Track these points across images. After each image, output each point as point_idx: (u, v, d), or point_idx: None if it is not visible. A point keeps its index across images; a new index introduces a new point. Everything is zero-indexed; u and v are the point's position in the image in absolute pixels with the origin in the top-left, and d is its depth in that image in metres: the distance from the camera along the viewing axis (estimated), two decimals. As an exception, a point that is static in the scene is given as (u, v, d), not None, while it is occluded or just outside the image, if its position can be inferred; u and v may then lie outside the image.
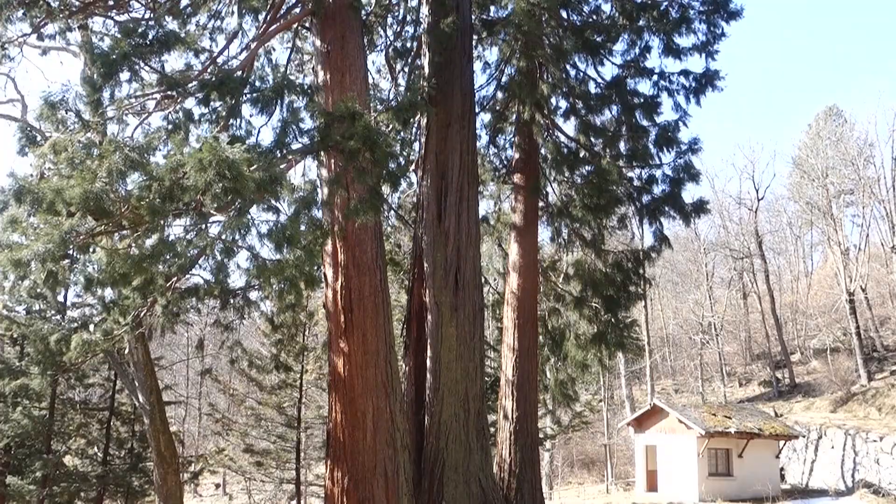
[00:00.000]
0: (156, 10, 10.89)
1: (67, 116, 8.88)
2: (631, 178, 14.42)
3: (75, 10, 9.70)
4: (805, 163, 42.16)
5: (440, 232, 12.27)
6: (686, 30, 13.80)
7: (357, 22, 11.29)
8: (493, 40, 15.63)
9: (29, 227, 7.36)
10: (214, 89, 8.87)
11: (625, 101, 13.88)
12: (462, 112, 12.75)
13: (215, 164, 6.66)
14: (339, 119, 8.52)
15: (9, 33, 9.83)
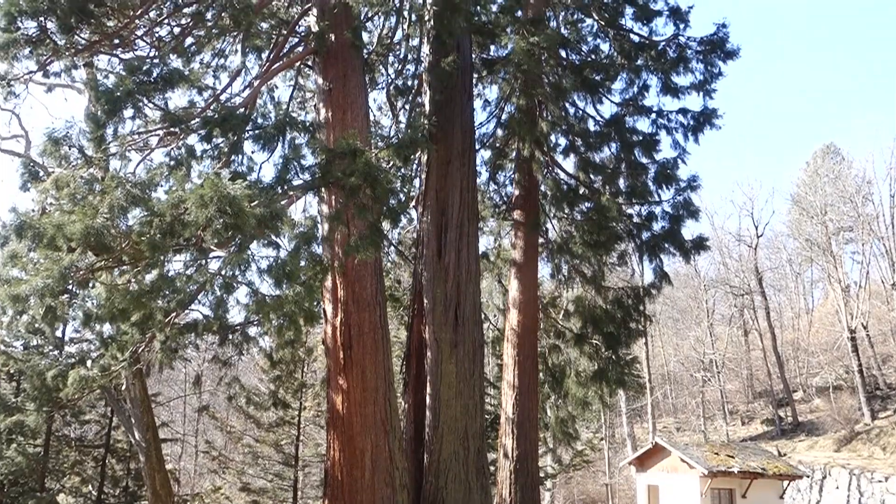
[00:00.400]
0: (161, 48, 11.05)
1: (70, 152, 8.96)
2: (630, 214, 14.46)
3: (81, 48, 9.82)
4: (804, 200, 42.38)
5: (440, 268, 12.26)
6: (684, 69, 13.96)
7: (359, 60, 11.46)
8: (493, 79, 15.81)
9: (29, 262, 7.37)
10: (217, 126, 8.95)
11: (624, 138, 13.99)
12: (462, 149, 12.84)
13: (216, 200, 6.69)
14: (341, 156, 8.59)
15: (15, 71, 9.94)
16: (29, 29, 9.19)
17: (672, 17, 14.06)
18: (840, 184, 40.27)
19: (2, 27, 8.89)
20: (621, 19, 14.44)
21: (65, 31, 9.07)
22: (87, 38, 9.90)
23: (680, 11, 13.97)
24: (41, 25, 9.09)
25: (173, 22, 11.76)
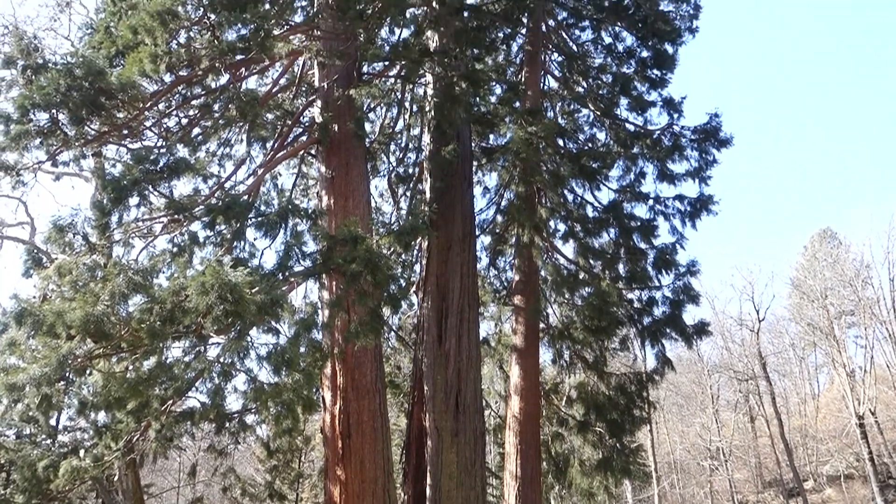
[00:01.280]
0: (168, 138, 11.33)
1: (75, 240, 9.05)
2: (631, 299, 14.44)
3: (91, 138, 10.07)
4: (803, 284, 42.45)
5: (441, 354, 12.17)
6: (679, 157, 14.26)
7: (361, 149, 11.73)
8: (493, 166, 16.14)
9: (27, 349, 7.33)
10: (220, 214, 9.08)
11: (622, 224, 14.15)
12: (462, 235, 12.98)
13: (218, 288, 6.71)
14: (342, 242, 8.68)
15: (24, 160, 10.16)
16: (41, 120, 9.45)
17: (666, 108, 14.48)
18: (839, 268, 40.43)
19: (15, 119, 9.15)
20: (616, 109, 14.86)
21: (76, 123, 9.31)
22: (96, 128, 10.16)
23: (673, 102, 14.40)
24: (53, 117, 9.34)
25: (181, 113, 12.10)
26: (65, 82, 8.69)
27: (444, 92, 12.30)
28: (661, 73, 14.46)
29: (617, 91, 14.75)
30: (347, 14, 9.85)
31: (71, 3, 19.90)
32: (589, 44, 15.76)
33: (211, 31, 9.55)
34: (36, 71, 9.15)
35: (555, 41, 15.79)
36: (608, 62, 15.25)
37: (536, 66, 15.11)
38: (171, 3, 8.80)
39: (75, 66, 8.96)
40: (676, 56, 14.30)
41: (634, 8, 14.18)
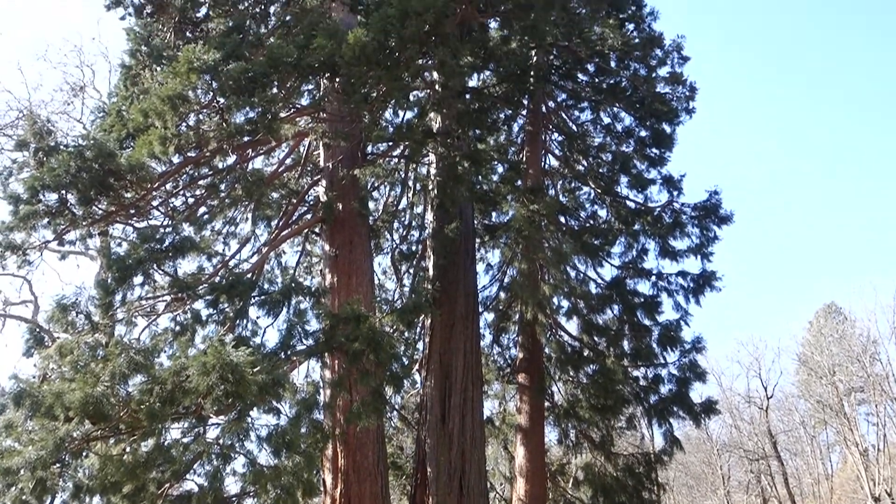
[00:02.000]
0: (174, 217, 11.46)
1: (77, 319, 9.04)
2: (637, 377, 14.27)
3: (98, 218, 10.19)
4: (810, 360, 41.93)
5: (444, 434, 11.94)
6: (680, 234, 14.36)
7: (365, 228, 11.85)
8: (496, 243, 16.26)
9: (24, 432, 7.21)
10: (224, 293, 9.10)
11: (625, 300, 14.13)
12: (466, 312, 12.94)
13: (219, 368, 6.66)
14: (345, 321, 8.65)
15: (31, 239, 10.25)
16: (50, 201, 9.59)
17: (665, 185, 14.66)
18: (846, 343, 40.02)
19: (24, 199, 9.29)
20: (617, 187, 15.06)
21: (84, 203, 9.44)
22: (104, 208, 10.30)
23: (673, 180, 14.59)
24: (62, 198, 9.48)
25: (188, 193, 12.29)
26: (75, 164, 8.86)
27: (447, 171, 12.51)
28: (660, 151, 14.72)
29: (617, 169, 14.99)
30: (353, 97, 10.11)
31: (85, 88, 20.51)
32: (588, 124, 16.13)
33: (220, 114, 9.78)
34: (47, 153, 9.35)
35: (555, 121, 16.16)
36: (607, 141, 15.56)
37: (537, 145, 15.43)
38: (182, 87, 9.06)
39: (86, 148, 9.16)
40: (674, 135, 14.60)
41: (632, 90, 14.56)
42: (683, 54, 14.58)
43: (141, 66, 10.92)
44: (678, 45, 14.56)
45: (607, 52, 14.10)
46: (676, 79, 14.31)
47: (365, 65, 9.62)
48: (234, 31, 10.95)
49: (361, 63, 9.54)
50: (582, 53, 14.12)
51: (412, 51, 9.83)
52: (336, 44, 9.58)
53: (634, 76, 14.48)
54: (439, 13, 9.20)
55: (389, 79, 10.06)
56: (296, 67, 9.98)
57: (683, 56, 14.58)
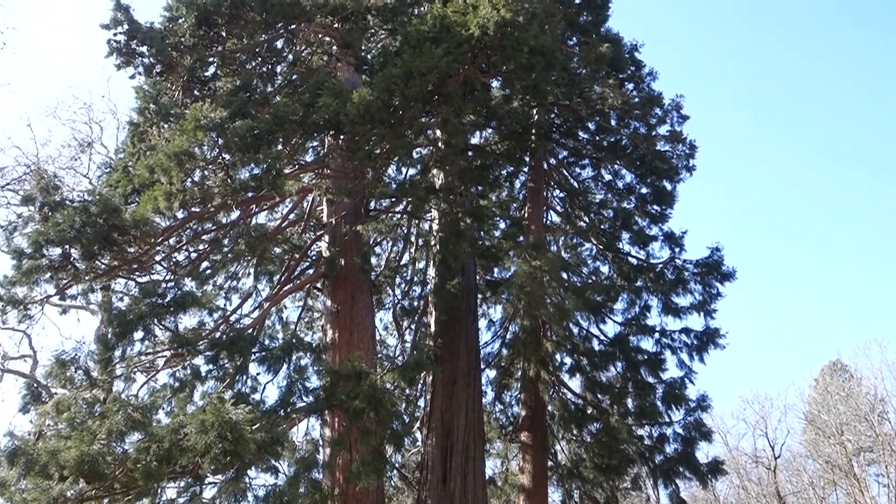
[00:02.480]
0: (177, 272, 11.47)
1: (76, 374, 8.96)
2: (641, 436, 14.02)
3: (101, 272, 10.20)
4: (817, 419, 41.29)
5: (445, 495, 11.68)
6: (682, 290, 14.32)
7: (367, 283, 11.83)
8: (498, 299, 16.21)
9: (17, 491, 7.06)
10: (224, 349, 9.04)
11: (629, 357, 14.00)
12: (468, 369, 12.82)
13: (217, 426, 6.56)
14: (346, 378, 8.56)
15: (33, 294, 10.24)
16: (53, 256, 9.61)
17: (667, 242, 14.69)
18: (853, 402, 39.46)
19: (28, 254, 9.32)
20: (619, 243, 15.09)
21: (87, 258, 9.46)
22: (107, 263, 10.32)
23: (674, 236, 14.63)
24: (65, 252, 9.51)
25: (191, 247, 12.33)
26: (80, 218, 8.92)
27: (450, 227, 12.57)
28: (661, 208, 14.80)
29: (618, 226, 15.05)
30: (357, 154, 10.23)
31: (92, 144, 20.80)
32: (589, 180, 16.28)
33: (225, 171, 9.89)
34: (53, 208, 9.42)
35: (556, 178, 16.32)
36: (609, 198, 15.67)
37: (539, 201, 15.54)
38: (189, 144, 9.18)
39: (91, 203, 9.23)
40: (675, 192, 14.70)
41: (632, 147, 14.73)
42: (683, 113, 14.80)
43: (149, 124, 11.09)
44: (677, 105, 14.79)
45: (608, 111, 14.33)
46: (676, 137, 14.50)
47: (369, 122, 9.77)
48: (242, 90, 11.16)
49: (366, 121, 9.69)
50: (583, 112, 14.35)
51: (416, 109, 9.99)
52: (341, 102, 9.75)
53: (635, 134, 14.67)
54: (443, 73, 9.38)
55: (393, 136, 10.20)
56: (301, 125, 10.13)
57: (683, 115, 14.80)
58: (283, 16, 11.45)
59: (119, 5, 11.17)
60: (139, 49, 11.46)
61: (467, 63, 10.05)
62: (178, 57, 11.49)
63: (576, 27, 15.48)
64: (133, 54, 11.45)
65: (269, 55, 12.96)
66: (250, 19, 11.50)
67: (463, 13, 9.63)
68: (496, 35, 9.34)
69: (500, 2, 9.33)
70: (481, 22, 9.25)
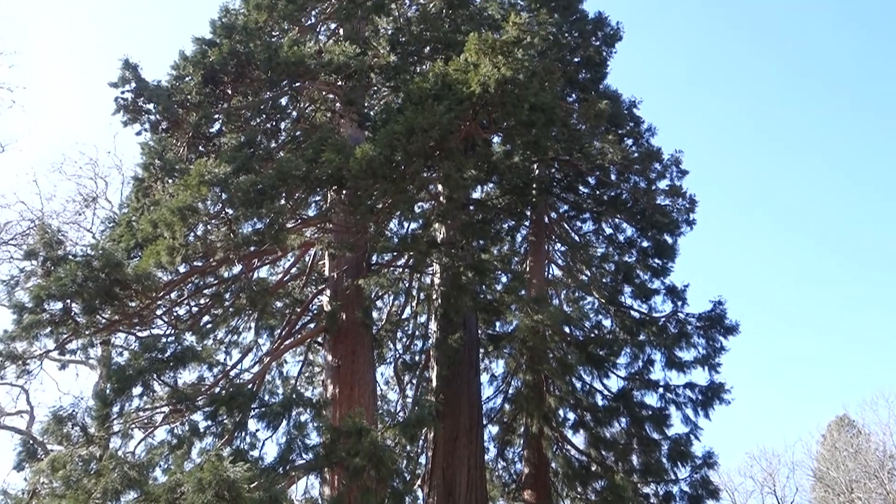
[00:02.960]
0: (177, 326, 11.43)
1: (73, 431, 8.84)
2: (647, 494, 13.73)
3: (102, 327, 10.17)
4: (826, 476, 40.47)
5: (447, 555, 11.40)
6: (686, 344, 14.20)
7: (368, 338, 11.77)
8: (500, 353, 16.08)
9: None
10: (223, 404, 8.95)
11: (633, 413, 13.81)
12: (470, 425, 12.66)
13: (215, 485, 6.44)
14: (346, 435, 8.45)
15: (32, 349, 10.18)
16: (54, 310, 9.60)
17: (669, 295, 14.65)
18: (861, 458, 38.74)
19: (29, 308, 9.30)
20: (621, 297, 15.04)
21: (88, 312, 9.44)
22: (108, 317, 10.30)
23: (676, 290, 14.59)
24: (66, 307, 9.50)
25: (193, 302, 12.32)
26: (82, 273, 8.93)
27: (451, 281, 12.56)
28: (663, 262, 14.81)
29: (620, 279, 15.04)
30: (359, 209, 10.31)
31: (97, 199, 20.99)
32: (591, 234, 16.33)
33: (227, 225, 9.95)
34: (55, 262, 9.44)
35: (557, 232, 16.38)
36: (610, 251, 15.70)
37: (540, 255, 15.57)
38: (193, 199, 9.26)
39: (94, 257, 9.27)
40: (676, 246, 14.73)
41: (632, 202, 14.83)
42: (682, 168, 14.96)
43: (153, 179, 11.21)
44: (676, 160, 14.96)
45: (607, 166, 14.48)
46: (676, 191, 14.61)
47: (371, 177, 9.87)
48: (246, 146, 11.31)
49: (368, 176, 9.79)
50: (583, 167, 14.50)
51: (417, 164, 10.10)
52: (344, 158, 9.87)
53: (635, 188, 14.79)
54: (444, 129, 9.51)
55: (395, 191, 10.29)
56: (304, 180, 10.24)
57: (682, 170, 14.95)
58: (288, 74, 11.67)
59: (127, 64, 11.41)
60: (146, 106, 11.67)
61: (469, 119, 10.21)
62: (183, 114, 11.69)
63: (575, 84, 15.77)
64: (140, 111, 11.65)
65: (273, 112, 13.18)
66: (256, 77, 11.73)
67: (464, 71, 9.82)
68: (497, 92, 9.51)
69: (500, 60, 9.53)
70: (482, 80, 9.43)
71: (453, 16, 14.36)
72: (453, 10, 14.39)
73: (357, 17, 13.48)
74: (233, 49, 11.36)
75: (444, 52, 13.01)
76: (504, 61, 9.46)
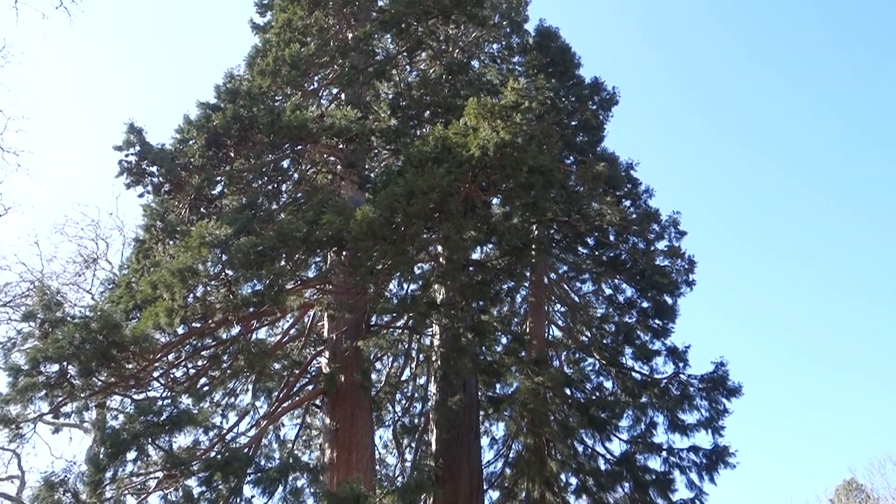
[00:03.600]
0: (174, 388, 11.29)
1: (64, 497, 8.64)
2: (653, 562, 13.36)
3: (97, 389, 10.05)
4: (837, 542, 39.38)
5: None
6: (689, 407, 14.04)
7: (367, 400, 11.63)
8: (500, 416, 15.87)
9: None
10: (219, 469, 8.78)
11: (636, 478, 13.53)
12: (470, 490, 12.41)
13: (209, 554, 6.26)
14: (344, 501, 8.25)
15: (27, 412, 10.03)
16: (50, 372, 9.50)
17: (671, 357, 14.56)
18: (871, 524, 37.76)
19: (24, 371, 9.21)
20: (622, 358, 14.95)
21: (84, 375, 9.35)
22: (104, 379, 10.19)
23: (678, 351, 14.51)
24: (62, 369, 9.41)
25: (190, 364, 12.20)
26: (80, 335, 8.88)
27: (451, 342, 12.49)
28: (663, 323, 14.77)
29: (621, 340, 14.97)
30: (359, 270, 10.31)
31: (98, 260, 21.02)
32: (590, 295, 16.34)
33: (227, 286, 9.94)
34: (53, 324, 9.39)
35: (557, 293, 16.38)
36: (610, 312, 15.68)
37: (540, 316, 15.53)
38: (193, 261, 9.27)
39: (92, 319, 9.22)
40: (676, 307, 14.72)
41: (631, 262, 14.88)
42: (680, 229, 15.06)
43: (154, 240, 11.25)
44: (674, 221, 15.07)
45: (606, 227, 14.58)
46: (675, 252, 14.68)
47: (372, 239, 9.91)
48: (247, 208, 11.40)
49: (368, 237, 9.83)
50: (581, 228, 14.60)
51: (417, 226, 10.16)
52: (344, 219, 9.93)
53: (633, 249, 14.86)
54: (444, 192, 9.61)
55: (395, 252, 10.32)
56: (304, 241, 10.28)
57: (680, 231, 15.05)
58: (290, 137, 11.85)
59: (132, 128, 11.59)
60: (149, 169, 11.80)
61: (468, 182, 10.32)
62: (186, 176, 11.82)
63: (573, 147, 16.03)
64: (143, 174, 11.78)
65: (275, 174, 13.34)
66: (258, 140, 11.91)
67: (464, 135, 9.99)
68: (496, 155, 9.64)
69: (499, 124, 9.70)
70: (481, 143, 9.57)
71: (453, 81, 14.69)
72: (453, 76, 14.73)
73: (359, 83, 13.77)
74: (236, 113, 11.57)
75: (443, 116, 13.28)
76: (503, 125, 9.63)
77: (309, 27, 13.92)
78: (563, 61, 16.74)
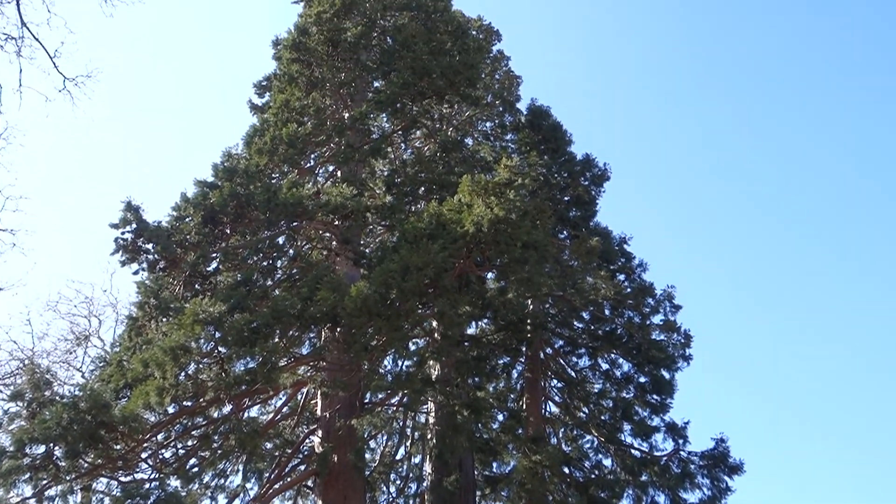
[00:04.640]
0: (162, 470, 11.00)
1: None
2: None
3: (84, 472, 9.78)
4: None
5: None
6: (690, 485, 13.70)
7: (360, 481, 11.36)
8: (497, 496, 15.45)
9: None
10: (207, 556, 8.44)
11: (640, 561, 13.10)
12: (467, 577, 11.95)
13: None
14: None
15: (9, 496, 9.72)
16: (35, 454, 9.26)
17: (670, 433, 14.30)
18: None
19: (9, 453, 8.98)
20: (620, 435, 14.66)
21: (70, 456, 9.12)
22: (91, 461, 9.93)
23: (677, 427, 14.26)
24: (48, 451, 9.18)
25: (180, 444, 11.93)
26: (68, 415, 8.71)
27: (446, 420, 12.28)
28: (661, 398, 14.57)
29: (619, 416, 14.72)
30: (353, 347, 10.23)
31: (90, 338, 20.80)
32: (587, 370, 16.16)
33: (219, 364, 9.83)
34: (41, 405, 9.22)
35: (553, 368, 16.20)
36: (607, 387, 15.47)
37: (537, 392, 15.32)
38: (185, 338, 9.20)
39: (81, 399, 9.06)
40: (674, 381, 14.54)
41: (627, 337, 14.80)
42: (675, 303, 15.05)
43: (147, 318, 11.19)
44: (669, 295, 15.09)
45: (601, 301, 14.57)
46: (670, 326, 14.63)
47: (366, 315, 9.88)
48: (242, 284, 11.39)
49: (363, 314, 9.80)
50: (576, 302, 14.58)
51: (412, 302, 10.15)
52: (339, 296, 9.92)
53: (629, 323, 14.81)
54: (439, 268, 9.64)
55: (390, 329, 10.27)
56: (298, 318, 10.23)
57: (675, 305, 15.04)
58: (286, 214, 11.96)
59: (129, 206, 11.70)
60: (145, 246, 11.84)
61: (463, 257, 10.38)
62: (182, 253, 11.85)
63: (566, 222, 16.19)
64: (139, 251, 11.82)
65: (270, 250, 13.38)
66: (255, 217, 12.01)
67: (458, 211, 10.10)
68: (490, 231, 9.73)
69: (493, 201, 9.82)
70: (476, 219, 9.67)
71: (447, 158, 14.96)
72: (447, 153, 15.00)
73: (354, 161, 14.01)
74: (233, 191, 11.71)
75: (438, 192, 13.45)
76: (497, 201, 9.76)
77: (306, 107, 14.26)
78: (554, 139, 17.08)
